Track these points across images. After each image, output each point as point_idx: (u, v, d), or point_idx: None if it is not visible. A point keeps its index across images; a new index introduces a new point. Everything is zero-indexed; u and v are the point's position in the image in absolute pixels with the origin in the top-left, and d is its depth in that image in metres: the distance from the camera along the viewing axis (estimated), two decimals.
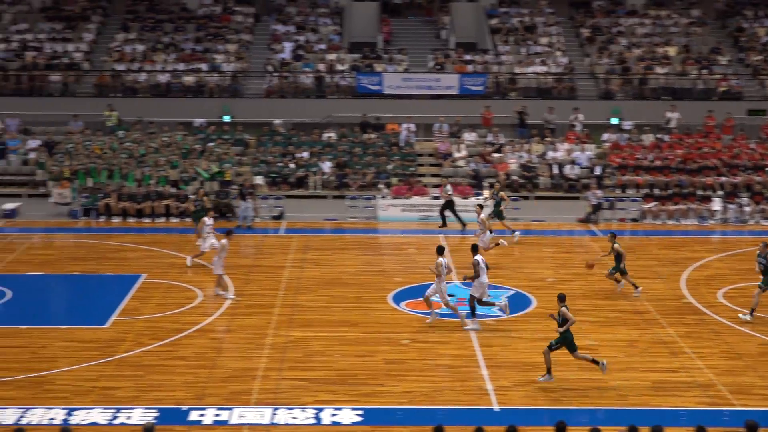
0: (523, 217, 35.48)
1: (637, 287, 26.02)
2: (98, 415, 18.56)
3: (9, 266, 28.66)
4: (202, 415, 18.68)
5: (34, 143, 40.19)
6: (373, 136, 41.35)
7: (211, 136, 40.60)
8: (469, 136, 41.59)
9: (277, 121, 42.28)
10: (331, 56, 45.67)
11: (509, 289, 26.57)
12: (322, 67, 45.04)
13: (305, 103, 43.75)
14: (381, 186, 37.46)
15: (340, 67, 44.93)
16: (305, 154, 39.75)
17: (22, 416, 18.49)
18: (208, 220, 28.62)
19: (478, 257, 23.59)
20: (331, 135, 41.45)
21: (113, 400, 19.26)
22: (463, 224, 33.48)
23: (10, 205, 35.43)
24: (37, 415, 18.53)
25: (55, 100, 43.82)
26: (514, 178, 38.85)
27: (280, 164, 39.14)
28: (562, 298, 20.11)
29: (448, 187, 33.96)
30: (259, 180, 37.93)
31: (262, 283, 27.23)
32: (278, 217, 35.20)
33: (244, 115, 43.32)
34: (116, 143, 39.18)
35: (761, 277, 24.15)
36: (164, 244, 31.59)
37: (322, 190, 38.61)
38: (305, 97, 44.09)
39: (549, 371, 19.99)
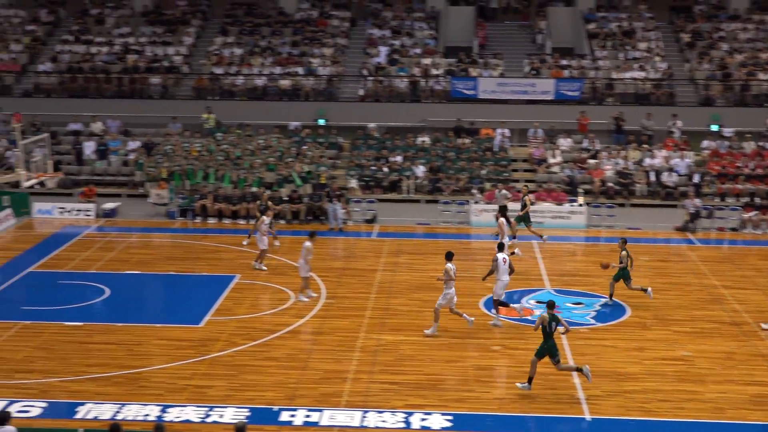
0: (619, 224, 35.03)
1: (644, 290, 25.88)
2: (191, 413, 18.91)
3: (108, 264, 29.36)
4: (292, 415, 18.88)
5: (133, 144, 41.11)
6: (467, 140, 41.27)
7: (306, 140, 41.00)
8: (564, 142, 41.21)
9: (371, 125, 42.47)
10: (426, 60, 45.72)
11: (602, 297, 26.25)
12: (417, 71, 45.11)
13: (400, 108, 43.84)
14: (474, 191, 37.35)
15: (435, 72, 44.95)
16: (399, 158, 39.85)
17: (118, 411, 18.94)
18: (266, 219, 28.96)
19: (499, 255, 23.94)
20: (424, 139, 41.49)
21: (206, 398, 19.60)
22: (513, 232, 32.94)
23: (109, 205, 36.30)
24: (132, 411, 18.97)
25: (155, 102, 44.75)
26: (610, 184, 38.36)
27: (373, 168, 39.32)
28: (551, 306, 19.94)
29: (504, 191, 33.47)
30: (352, 183, 38.15)
31: (353, 286, 27.39)
32: (371, 221, 35.36)
33: (339, 118, 43.62)
34: (213, 145, 39.83)
35: None
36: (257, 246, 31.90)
37: (415, 195, 38.66)
38: (400, 102, 44.17)
39: (530, 380, 19.86)
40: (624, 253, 25.51)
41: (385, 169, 39.30)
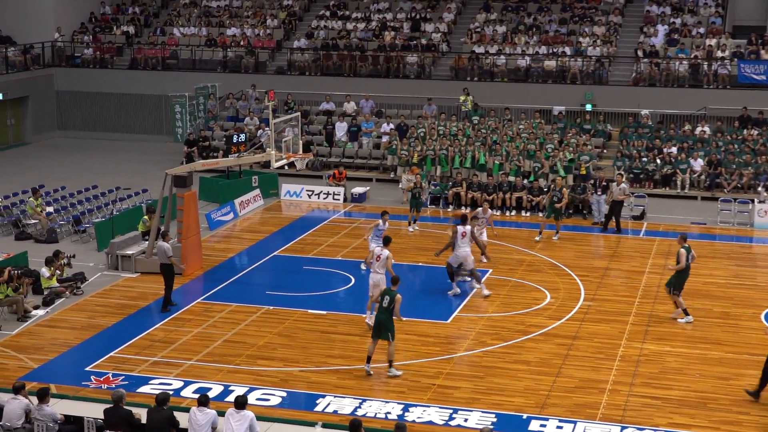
0: None
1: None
2: (434, 414, 19.14)
3: (354, 252, 30.15)
4: (543, 425, 18.76)
5: (386, 127, 42.00)
6: (754, 132, 39.55)
7: (570, 126, 40.58)
8: None
9: (644, 111, 41.50)
10: (711, 41, 44.16)
11: None
12: (698, 53, 43.66)
13: (677, 93, 42.60)
14: (760, 189, 35.75)
15: (719, 54, 43.34)
16: (673, 150, 38.74)
17: (358, 407, 19.43)
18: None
19: (459, 227, 25.64)
20: (704, 129, 40.13)
21: (451, 399, 19.78)
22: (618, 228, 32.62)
23: (359, 189, 37.28)
24: (373, 408, 19.40)
25: (410, 82, 45.57)
26: None
27: (644, 159, 38.41)
28: None
29: (623, 186, 32.45)
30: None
31: (616, 289, 26.89)
32: (639, 217, 34.57)
33: (608, 104, 42.90)
34: (469, 129, 40.10)
35: None
36: (513, 239, 31.95)
37: (690, 191, 37.49)
38: (677, 87, 42.94)
39: None
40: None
41: (658, 161, 38.30)
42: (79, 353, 22.26)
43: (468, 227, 26.07)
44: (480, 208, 30.33)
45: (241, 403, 16.74)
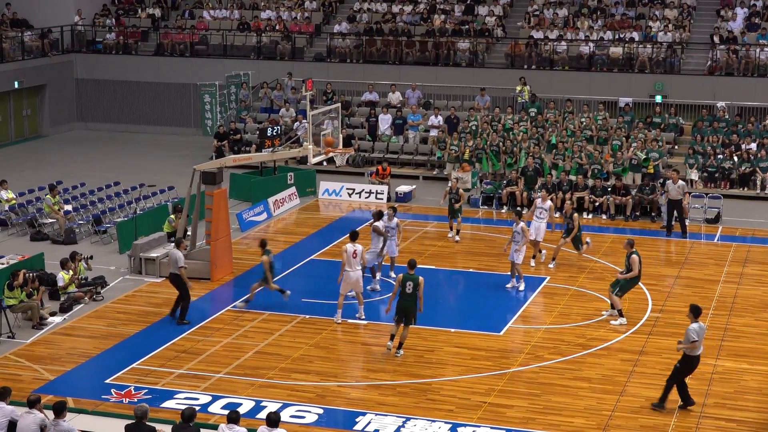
0: None
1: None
2: None
3: (399, 257, 30.12)
4: None
5: (435, 119, 42.02)
6: None
7: (638, 119, 40.40)
8: None
9: (720, 104, 41.24)
10: None
11: None
12: None
13: (757, 84, 42.33)
14: None
15: None
16: (753, 146, 38.47)
17: (402, 426, 19.47)
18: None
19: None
20: None
21: (503, 419, 19.79)
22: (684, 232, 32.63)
23: (404, 188, 37.32)
24: (418, 427, 19.45)
25: (462, 70, 45.56)
26: None
27: (720, 157, 38.17)
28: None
29: (680, 183, 32.44)
30: (692, 174, 37.24)
31: (687, 299, 26.65)
32: (713, 221, 34.36)
33: (680, 95, 42.69)
34: (527, 123, 40.03)
35: None
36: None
37: None
38: (758, 76, 42.64)
39: None
40: None
41: (735, 159, 38.05)
42: (99, 364, 22.49)
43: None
44: (539, 197, 30.34)
45: (274, 420, 16.82)
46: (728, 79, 42.77)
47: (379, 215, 27.55)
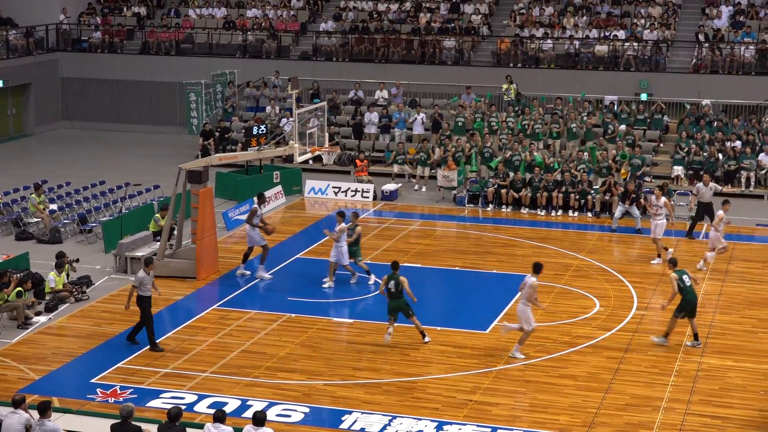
0: None
1: None
2: None
3: (384, 255, 30.18)
4: None
5: (420, 117, 42.01)
6: None
7: (623, 117, 40.48)
8: None
9: (705, 101, 41.33)
10: None
11: None
12: (767, 37, 43.46)
13: (742, 81, 42.45)
14: None
15: None
16: (738, 143, 38.57)
17: (387, 425, 19.49)
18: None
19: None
20: None
21: (489, 417, 19.83)
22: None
23: (390, 186, 37.33)
24: (404, 425, 19.48)
25: (447, 69, 45.60)
26: None
27: (705, 154, 38.26)
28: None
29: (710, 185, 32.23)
30: (677, 171, 37.33)
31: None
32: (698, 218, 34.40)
33: (665, 93, 42.77)
34: (513, 121, 40.07)
35: None
36: (558, 241, 31.93)
37: (756, 189, 37.32)
38: (743, 74, 42.77)
39: None
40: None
41: (720, 156, 38.14)
42: (84, 364, 22.47)
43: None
44: (653, 195, 30.30)
45: (260, 419, 16.84)
46: (713, 77, 42.87)
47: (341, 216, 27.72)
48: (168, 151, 43.80)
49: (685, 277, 23.26)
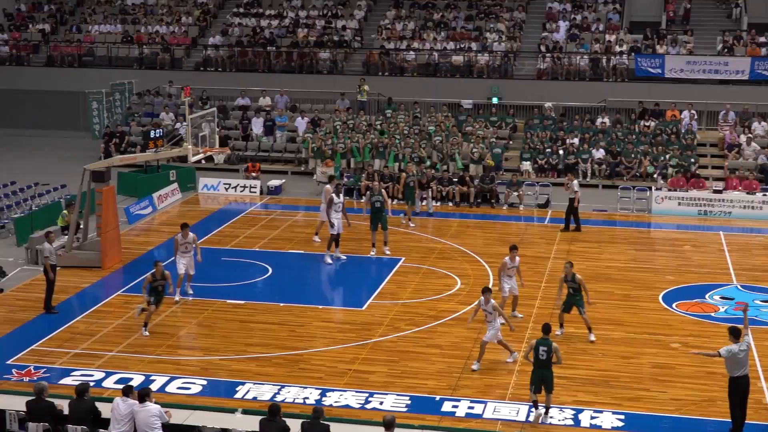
0: None
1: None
2: (351, 398, 19.22)
3: (271, 243, 30.07)
4: (455, 406, 18.96)
5: (302, 121, 41.87)
6: (650, 123, 40.26)
7: (478, 119, 40.91)
8: (759, 126, 39.73)
9: (547, 104, 41.99)
10: (610, 37, 44.85)
11: None
12: (598, 48, 44.32)
13: (579, 87, 43.20)
14: (657, 177, 36.49)
15: (618, 49, 44.05)
16: (576, 141, 39.27)
17: (277, 393, 19.42)
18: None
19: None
20: (604, 121, 40.75)
21: (366, 384, 19.88)
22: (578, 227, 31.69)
23: (275, 182, 37.15)
24: (291, 393, 19.41)
25: (324, 77, 45.49)
26: None
27: (548, 150, 38.88)
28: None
29: (574, 182, 32.18)
30: (525, 166, 37.89)
31: (523, 274, 27.10)
32: (544, 205, 35.02)
33: (514, 97, 43.31)
34: (381, 123, 40.15)
35: None
36: (423, 228, 32.16)
37: (592, 179, 38.04)
38: (579, 80, 43.55)
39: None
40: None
41: (561, 152, 38.81)
42: (0, 347, 21.86)
43: None
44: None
45: (143, 395, 16.43)
46: (554, 83, 43.54)
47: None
48: (73, 153, 42.77)
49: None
